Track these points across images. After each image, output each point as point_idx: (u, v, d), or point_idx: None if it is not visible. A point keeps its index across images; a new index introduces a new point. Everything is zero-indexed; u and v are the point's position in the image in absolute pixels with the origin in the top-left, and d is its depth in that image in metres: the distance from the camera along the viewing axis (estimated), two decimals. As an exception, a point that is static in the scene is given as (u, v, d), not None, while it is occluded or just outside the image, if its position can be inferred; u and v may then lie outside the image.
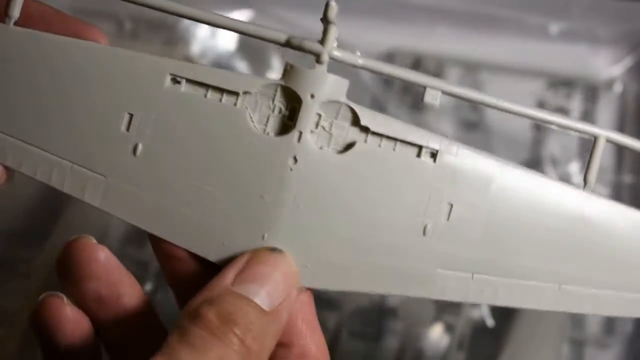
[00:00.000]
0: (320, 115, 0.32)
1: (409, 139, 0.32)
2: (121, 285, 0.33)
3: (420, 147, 0.32)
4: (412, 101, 0.67)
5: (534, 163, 0.66)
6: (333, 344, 0.59)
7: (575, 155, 0.67)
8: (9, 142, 0.32)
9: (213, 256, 0.32)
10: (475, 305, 0.60)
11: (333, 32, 0.32)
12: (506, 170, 0.32)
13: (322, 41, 0.32)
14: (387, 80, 0.68)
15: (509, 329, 0.59)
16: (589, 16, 0.67)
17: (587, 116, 0.68)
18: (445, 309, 0.60)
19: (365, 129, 0.32)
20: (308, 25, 0.67)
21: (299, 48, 0.31)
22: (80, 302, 0.33)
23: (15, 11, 0.32)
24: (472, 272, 0.32)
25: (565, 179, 0.66)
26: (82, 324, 0.33)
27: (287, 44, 0.32)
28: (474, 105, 0.68)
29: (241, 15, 0.68)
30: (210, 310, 0.28)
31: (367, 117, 0.32)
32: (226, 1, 0.68)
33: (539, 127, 0.67)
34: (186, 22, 0.67)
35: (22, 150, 0.32)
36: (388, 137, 0.32)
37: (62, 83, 0.32)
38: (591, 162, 0.33)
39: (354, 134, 0.32)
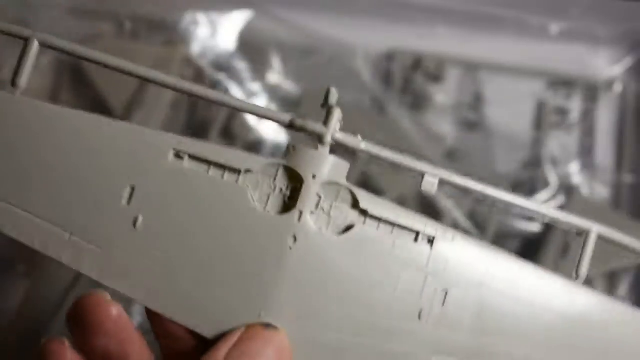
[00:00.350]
0: (320, 197, 0.32)
1: (407, 224, 0.32)
2: (130, 345, 0.33)
3: (417, 233, 0.32)
4: (412, 101, 0.67)
5: (534, 163, 0.66)
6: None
7: (575, 155, 0.67)
8: (7, 209, 0.32)
9: (209, 333, 0.32)
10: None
11: (336, 115, 0.32)
12: (500, 260, 0.33)
13: (326, 123, 0.32)
14: (387, 81, 0.68)
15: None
16: (589, 16, 0.67)
17: (587, 116, 0.68)
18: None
19: (364, 212, 0.32)
20: (308, 25, 0.67)
21: (302, 129, 0.32)
22: (88, 357, 0.33)
23: (23, 81, 0.32)
24: (464, 358, 0.32)
25: (565, 179, 0.66)
26: None
27: (291, 125, 0.32)
28: (475, 105, 0.68)
29: (241, 15, 0.68)
30: None
31: (366, 200, 0.32)
32: (226, 1, 0.68)
33: (539, 127, 0.67)
34: (186, 22, 0.68)
35: (21, 219, 0.32)
36: (386, 222, 0.32)
37: (64, 155, 0.32)
38: (582, 257, 0.33)
39: (352, 216, 0.32)
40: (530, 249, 0.63)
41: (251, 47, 0.67)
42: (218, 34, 0.68)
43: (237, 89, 0.65)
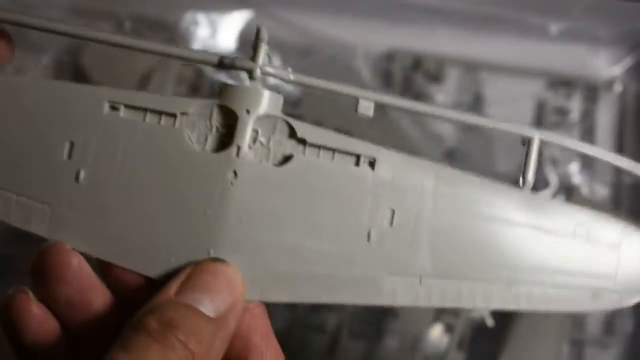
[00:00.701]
0: (257, 131, 0.32)
1: (347, 148, 0.33)
2: (92, 292, 0.33)
3: (358, 156, 0.33)
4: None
5: (534, 163, 0.66)
6: (333, 344, 0.59)
7: (575, 155, 0.67)
8: None
9: (161, 275, 0.32)
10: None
11: (263, 49, 0.33)
12: (445, 173, 0.33)
13: (254, 58, 0.33)
14: (387, 81, 0.68)
15: (509, 329, 0.59)
16: (589, 16, 0.67)
17: (587, 116, 0.68)
18: (445, 309, 0.60)
19: (303, 142, 0.32)
20: (308, 25, 0.67)
21: (232, 67, 0.33)
22: (51, 306, 0.33)
23: None
24: (420, 276, 0.32)
25: (565, 179, 0.66)
26: (48, 324, 0.33)
27: (220, 64, 0.33)
28: (474, 105, 0.68)
29: (241, 15, 0.68)
30: (152, 317, 0.29)
31: (304, 129, 0.32)
32: (226, 1, 0.68)
33: (540, 127, 0.67)
34: (186, 22, 0.68)
35: None
36: (326, 148, 0.33)
37: (3, 119, 0.33)
38: (528, 162, 0.34)
39: (291, 147, 0.33)
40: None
41: (251, 47, 0.67)
42: (218, 34, 0.68)
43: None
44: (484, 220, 0.33)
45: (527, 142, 0.34)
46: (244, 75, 0.34)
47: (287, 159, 0.32)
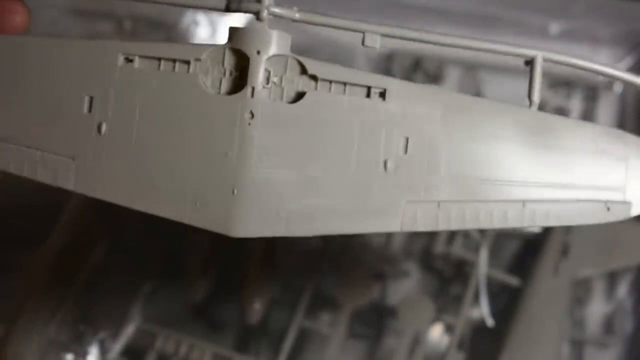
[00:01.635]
0: (269, 71, 0.33)
1: (357, 81, 0.33)
2: None
3: (368, 88, 0.33)
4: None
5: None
6: (333, 343, 0.59)
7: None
8: None
9: (188, 219, 0.33)
10: (475, 305, 0.60)
11: None
12: (454, 98, 0.34)
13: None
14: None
15: (509, 329, 0.59)
16: (589, 16, 0.67)
17: (587, 116, 0.68)
18: (445, 309, 0.60)
19: (314, 78, 0.33)
20: (308, 25, 0.67)
21: (239, 10, 0.33)
22: None
23: None
24: (438, 200, 0.33)
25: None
26: None
27: (227, 8, 0.33)
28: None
29: (241, 15, 0.67)
30: None
31: (314, 66, 0.33)
32: (226, 1, 0.68)
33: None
34: (186, 21, 0.67)
35: (3, 149, 0.33)
36: (336, 82, 0.33)
37: (22, 81, 0.33)
38: (533, 83, 0.35)
39: (304, 84, 0.33)
40: (530, 249, 0.63)
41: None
42: (218, 34, 0.68)
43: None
44: (495, 141, 0.34)
45: (530, 63, 0.35)
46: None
47: (300, 95, 0.33)
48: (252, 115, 0.33)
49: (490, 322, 0.60)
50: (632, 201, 0.34)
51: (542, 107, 0.74)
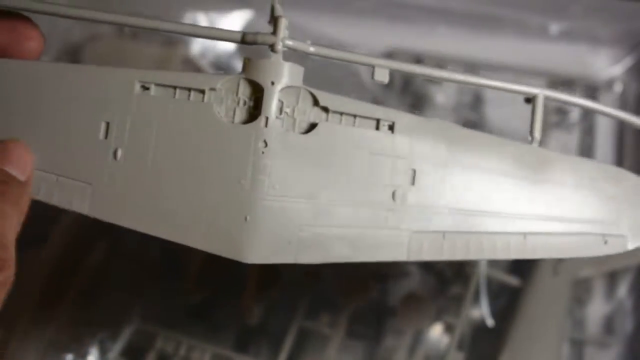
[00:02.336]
0: (282, 102, 0.34)
1: (367, 113, 0.34)
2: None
3: (378, 121, 0.34)
4: (412, 101, 0.67)
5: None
6: (333, 343, 0.59)
7: (575, 154, 0.67)
8: None
9: (201, 245, 0.34)
10: (475, 305, 0.60)
11: (283, 23, 0.34)
12: (459, 132, 0.35)
13: (274, 32, 0.34)
14: (386, 83, 0.68)
15: (509, 329, 0.59)
16: (589, 16, 0.67)
17: (587, 116, 0.68)
18: (445, 309, 0.60)
19: (325, 109, 0.34)
20: (308, 25, 0.67)
21: (254, 42, 0.34)
22: None
23: None
24: (443, 231, 0.34)
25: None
26: None
27: (243, 40, 0.34)
28: (474, 105, 0.68)
29: (241, 15, 0.68)
30: None
31: (326, 98, 0.34)
32: (226, 1, 0.68)
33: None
34: (186, 21, 0.67)
35: None
36: (347, 114, 0.34)
37: (39, 106, 0.34)
38: (534, 120, 0.36)
39: (315, 115, 0.34)
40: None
41: (252, 46, 0.67)
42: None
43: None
44: (497, 175, 0.35)
45: (532, 100, 0.36)
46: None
47: (312, 126, 0.34)
48: (266, 144, 0.33)
49: (490, 322, 0.60)
50: (627, 235, 0.36)
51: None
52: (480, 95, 0.68)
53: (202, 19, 0.67)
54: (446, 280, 0.62)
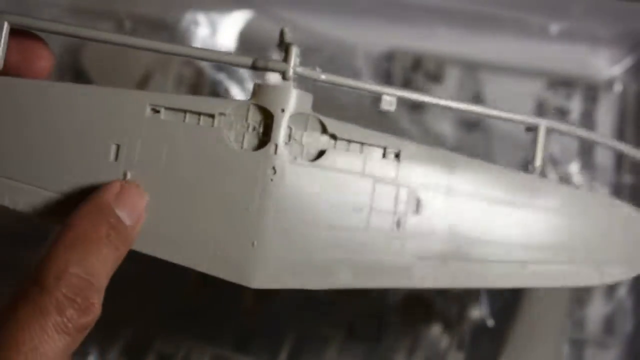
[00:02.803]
0: (291, 129, 0.34)
1: (374, 141, 0.35)
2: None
3: (384, 149, 0.35)
4: (412, 102, 0.67)
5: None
6: (333, 344, 0.59)
7: (575, 155, 0.67)
8: (4, 183, 0.34)
9: (207, 269, 0.34)
10: (475, 305, 0.60)
11: (294, 51, 0.34)
12: (462, 162, 0.36)
13: (286, 59, 0.34)
14: (387, 81, 0.68)
15: (509, 329, 0.59)
16: (589, 16, 0.67)
17: (587, 116, 0.68)
18: (445, 309, 0.60)
19: (333, 136, 0.35)
20: (308, 25, 0.67)
21: (265, 68, 0.34)
22: None
23: None
24: (445, 259, 0.35)
25: (565, 179, 0.66)
26: None
27: (254, 66, 0.34)
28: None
29: (241, 15, 0.67)
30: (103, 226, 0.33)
31: (333, 125, 0.35)
32: (226, 1, 0.68)
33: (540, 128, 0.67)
34: (186, 22, 0.67)
35: (17, 190, 0.34)
36: (354, 142, 0.35)
37: (48, 126, 0.34)
38: (536, 149, 0.37)
39: (323, 142, 0.35)
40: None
41: (251, 47, 0.67)
42: (218, 34, 0.68)
43: (237, 89, 0.65)
44: (497, 204, 0.36)
45: (534, 130, 0.37)
46: (245, 74, 0.35)
47: (320, 153, 0.34)
48: (274, 171, 0.34)
49: (490, 322, 0.60)
50: (626, 263, 0.37)
51: (541, 108, 0.74)
52: (480, 95, 0.68)
53: (202, 19, 0.67)
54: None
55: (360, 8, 0.67)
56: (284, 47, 0.35)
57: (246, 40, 0.66)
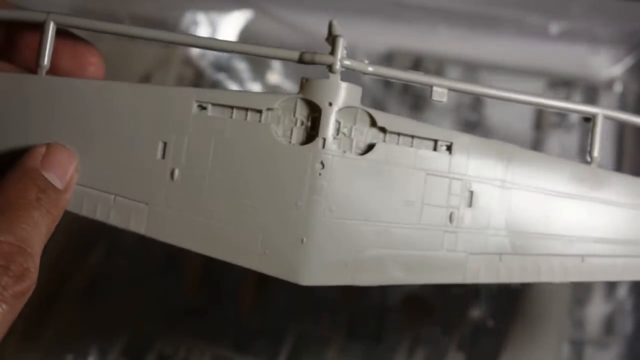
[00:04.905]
0: (339, 123, 0.34)
1: (425, 134, 0.34)
2: None
3: (435, 141, 0.34)
4: (412, 101, 0.67)
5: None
6: (333, 344, 0.59)
7: (575, 154, 0.67)
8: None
9: (257, 266, 0.34)
10: (475, 305, 0.60)
11: (341, 43, 0.34)
12: (516, 153, 0.35)
13: (333, 52, 0.34)
14: (387, 82, 0.68)
15: (509, 329, 0.59)
16: (589, 16, 0.67)
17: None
18: (445, 309, 0.60)
19: (383, 130, 0.34)
20: (308, 25, 0.67)
21: (312, 62, 0.34)
22: None
23: (46, 61, 0.34)
24: (500, 253, 0.34)
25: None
26: None
27: (301, 60, 0.34)
28: (474, 105, 0.68)
29: (241, 15, 0.67)
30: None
31: (383, 118, 0.34)
32: (226, 1, 0.68)
33: (540, 127, 0.67)
34: (186, 22, 0.67)
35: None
36: (405, 135, 0.34)
37: (95, 124, 0.34)
38: (593, 140, 0.36)
39: (372, 135, 0.34)
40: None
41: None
42: (218, 34, 0.68)
43: (237, 89, 0.65)
44: (555, 196, 0.35)
45: (592, 120, 0.36)
46: (244, 75, 0.34)
47: (369, 147, 0.34)
48: (323, 166, 0.33)
49: (490, 322, 0.60)
50: None
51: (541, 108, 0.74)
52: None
53: (202, 19, 0.67)
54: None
55: (360, 8, 0.67)
56: (331, 39, 0.34)
57: (246, 40, 0.66)
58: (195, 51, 0.66)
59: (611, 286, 0.63)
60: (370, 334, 0.61)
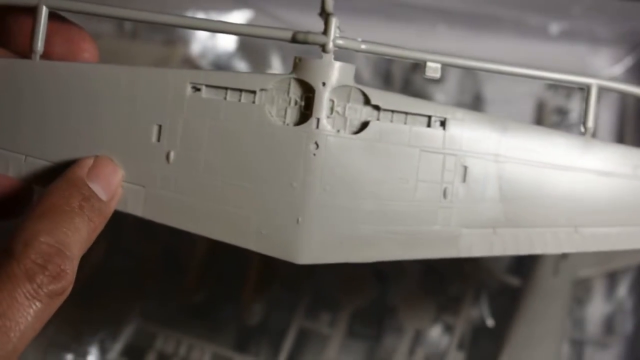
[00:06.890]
0: (333, 101, 0.34)
1: (418, 110, 0.34)
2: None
3: (429, 117, 0.34)
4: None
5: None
6: (333, 343, 0.59)
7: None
8: (46, 166, 0.34)
9: (253, 246, 0.34)
10: (475, 305, 0.60)
11: (334, 22, 0.33)
12: (510, 125, 0.35)
13: (325, 32, 0.33)
14: (387, 81, 0.68)
15: (509, 329, 0.59)
16: (589, 16, 0.67)
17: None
18: (445, 309, 0.60)
19: (377, 108, 0.34)
20: (308, 25, 0.67)
21: (305, 42, 0.34)
22: None
23: (39, 46, 0.34)
24: (494, 227, 0.34)
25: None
26: None
27: (294, 39, 0.34)
28: (474, 105, 0.68)
29: (241, 15, 0.68)
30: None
31: (377, 96, 0.34)
32: (226, 1, 0.68)
33: (539, 124, 0.67)
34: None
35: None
36: (398, 112, 0.34)
37: (91, 107, 0.34)
38: (587, 110, 0.36)
39: (366, 114, 0.34)
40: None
41: (251, 47, 0.67)
42: (218, 33, 0.67)
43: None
44: (549, 168, 0.35)
45: (585, 90, 0.36)
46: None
47: (363, 125, 0.34)
48: (317, 146, 0.33)
49: (490, 322, 0.60)
50: None
51: (541, 108, 0.74)
52: (480, 95, 0.68)
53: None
54: (446, 280, 0.62)
55: (360, 8, 0.67)
56: (324, 17, 0.34)
57: (246, 40, 0.66)
58: (195, 51, 0.67)
59: (611, 286, 0.63)
60: (370, 333, 0.61)
